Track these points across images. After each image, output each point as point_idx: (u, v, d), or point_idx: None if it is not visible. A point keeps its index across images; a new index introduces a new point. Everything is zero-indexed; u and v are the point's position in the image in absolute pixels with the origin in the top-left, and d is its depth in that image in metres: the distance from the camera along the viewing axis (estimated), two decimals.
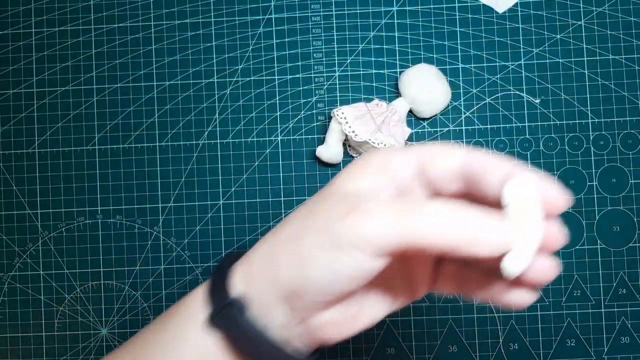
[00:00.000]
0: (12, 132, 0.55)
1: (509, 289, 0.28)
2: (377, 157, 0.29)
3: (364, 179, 0.29)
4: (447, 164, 0.28)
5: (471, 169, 0.27)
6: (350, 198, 0.28)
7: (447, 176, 0.28)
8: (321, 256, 0.27)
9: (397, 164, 0.29)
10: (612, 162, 0.53)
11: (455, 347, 0.53)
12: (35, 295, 0.54)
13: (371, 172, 0.29)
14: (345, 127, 0.50)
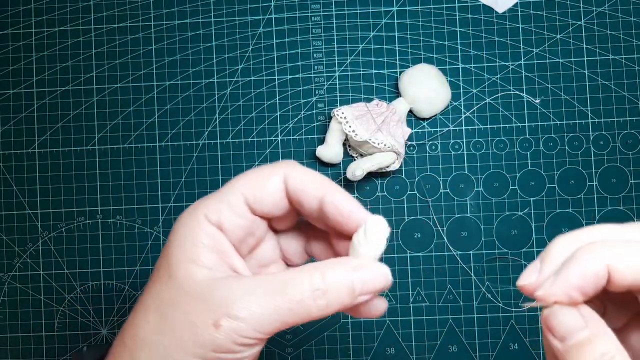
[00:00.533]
0: (12, 132, 0.55)
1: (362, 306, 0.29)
2: (203, 226, 0.27)
3: (204, 256, 0.27)
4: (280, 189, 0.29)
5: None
6: (206, 299, 0.26)
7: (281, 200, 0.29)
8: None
9: (227, 223, 0.28)
10: (612, 162, 0.53)
11: (455, 347, 0.53)
12: (35, 295, 0.54)
13: (208, 247, 0.27)
14: (345, 126, 0.50)
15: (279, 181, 0.28)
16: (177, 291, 0.27)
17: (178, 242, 0.28)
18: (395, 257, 0.53)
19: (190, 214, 0.28)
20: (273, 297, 0.26)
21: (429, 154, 0.54)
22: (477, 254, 0.53)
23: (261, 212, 0.29)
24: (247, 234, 0.29)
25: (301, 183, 0.28)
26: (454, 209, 0.53)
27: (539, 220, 0.53)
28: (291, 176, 0.28)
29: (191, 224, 0.28)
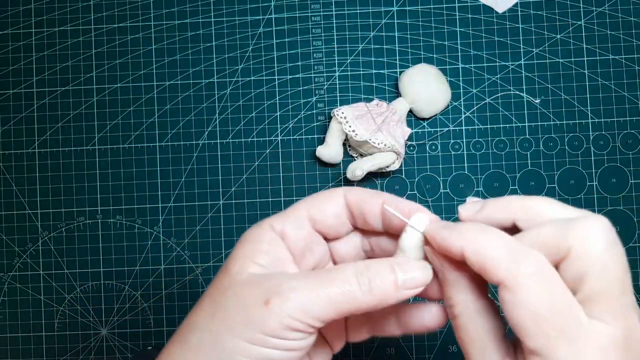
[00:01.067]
0: (12, 132, 0.55)
1: (420, 312, 0.31)
2: (266, 233, 0.29)
3: (260, 258, 0.29)
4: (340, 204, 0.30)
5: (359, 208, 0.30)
6: (258, 283, 0.27)
7: (341, 216, 0.31)
8: (254, 350, 0.27)
9: (289, 232, 0.30)
10: (612, 162, 0.53)
11: (455, 347, 0.53)
12: (35, 295, 0.54)
13: (266, 251, 0.29)
14: (345, 126, 0.50)
15: (339, 198, 0.31)
16: (230, 281, 0.28)
17: (240, 245, 0.29)
18: None
19: (258, 225, 0.30)
20: (321, 281, 0.27)
21: (429, 154, 0.54)
22: None
23: (322, 227, 0.31)
24: (306, 248, 0.30)
25: (361, 194, 0.30)
26: (454, 209, 0.53)
27: None
28: (350, 192, 0.31)
29: (256, 232, 0.30)
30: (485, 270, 0.25)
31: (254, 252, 0.29)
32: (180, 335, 0.29)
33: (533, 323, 0.24)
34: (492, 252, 0.25)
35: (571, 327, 0.24)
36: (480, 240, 0.26)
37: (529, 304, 0.24)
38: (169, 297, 0.54)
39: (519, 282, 0.24)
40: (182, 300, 0.54)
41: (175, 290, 0.54)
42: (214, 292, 0.29)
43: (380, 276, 0.27)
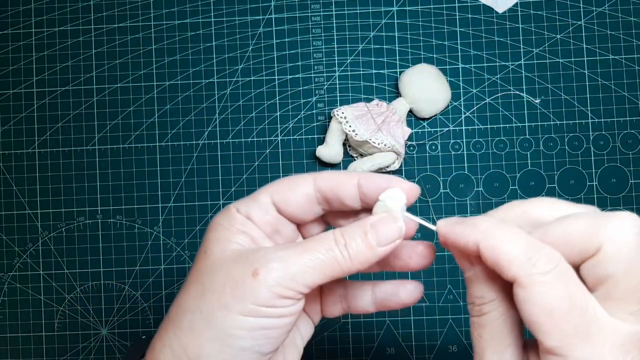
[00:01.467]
0: (12, 132, 0.55)
1: (396, 288, 0.31)
2: (235, 216, 0.30)
3: (238, 237, 0.29)
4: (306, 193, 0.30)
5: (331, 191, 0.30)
6: (244, 258, 0.28)
7: (307, 204, 0.31)
8: (247, 322, 0.27)
9: (255, 216, 0.30)
10: (612, 162, 0.53)
11: (455, 347, 0.53)
12: (35, 295, 0.54)
13: (241, 231, 0.30)
14: (345, 126, 0.50)
15: (306, 185, 0.30)
16: (214, 260, 0.29)
17: (213, 229, 0.30)
18: None
19: (224, 210, 0.30)
20: (306, 249, 0.28)
21: (429, 154, 0.54)
22: None
23: (287, 212, 0.31)
24: (274, 231, 0.31)
25: (334, 178, 0.30)
26: (454, 209, 0.53)
27: None
28: (321, 178, 0.30)
29: (225, 215, 0.30)
30: (499, 266, 0.25)
31: (230, 234, 0.29)
32: (170, 321, 0.29)
33: (549, 321, 0.24)
34: (507, 247, 0.24)
35: (589, 326, 0.23)
36: (495, 235, 0.25)
37: (544, 301, 0.24)
38: (169, 297, 0.54)
39: (534, 279, 0.24)
40: None
41: (175, 290, 0.54)
42: (197, 274, 0.29)
43: (354, 240, 0.28)
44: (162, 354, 0.29)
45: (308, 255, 0.28)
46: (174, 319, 0.29)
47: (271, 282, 0.27)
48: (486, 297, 0.27)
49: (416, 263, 0.31)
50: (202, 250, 0.30)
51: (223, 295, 0.27)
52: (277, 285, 0.27)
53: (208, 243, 0.29)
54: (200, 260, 0.29)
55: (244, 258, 0.28)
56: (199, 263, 0.29)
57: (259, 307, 0.27)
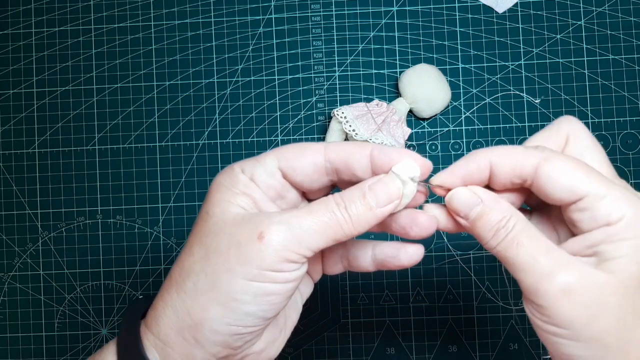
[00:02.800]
0: (12, 132, 0.55)
1: (397, 250, 0.31)
2: (239, 177, 0.30)
3: (240, 199, 0.29)
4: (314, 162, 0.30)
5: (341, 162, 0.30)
6: (248, 221, 0.28)
7: (314, 173, 0.30)
8: (252, 287, 0.27)
9: (259, 179, 0.30)
10: (612, 162, 0.53)
11: (455, 347, 0.53)
12: (35, 295, 0.54)
13: (243, 193, 0.29)
14: (345, 126, 0.50)
15: (316, 154, 0.30)
16: (216, 222, 0.28)
17: (216, 189, 0.29)
18: None
19: (227, 169, 0.30)
20: (309, 212, 0.28)
21: (429, 154, 0.54)
22: (477, 254, 0.53)
23: (293, 179, 0.30)
24: (278, 196, 0.30)
25: (346, 149, 0.30)
26: None
27: None
28: (332, 150, 0.30)
29: (228, 175, 0.30)
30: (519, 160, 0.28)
31: (233, 195, 0.29)
32: (173, 281, 0.29)
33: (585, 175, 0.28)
34: (517, 148, 0.29)
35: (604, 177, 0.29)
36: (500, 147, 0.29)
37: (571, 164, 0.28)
38: None
39: (553, 154, 0.28)
40: None
41: None
42: (201, 235, 0.29)
43: (354, 204, 0.28)
44: (165, 314, 0.29)
45: (312, 219, 0.28)
46: (177, 280, 0.29)
47: (277, 245, 0.27)
48: (506, 214, 0.28)
49: (416, 233, 0.30)
50: (205, 210, 0.29)
51: (227, 259, 0.27)
52: (283, 248, 0.27)
53: (210, 204, 0.29)
54: (202, 221, 0.29)
55: (248, 221, 0.28)
56: (201, 224, 0.29)
57: (264, 271, 0.27)
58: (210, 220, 0.29)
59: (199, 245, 0.28)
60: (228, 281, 0.27)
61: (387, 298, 0.53)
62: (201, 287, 0.28)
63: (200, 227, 0.29)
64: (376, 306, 0.53)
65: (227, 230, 0.28)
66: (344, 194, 0.29)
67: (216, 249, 0.28)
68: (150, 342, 0.29)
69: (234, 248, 0.27)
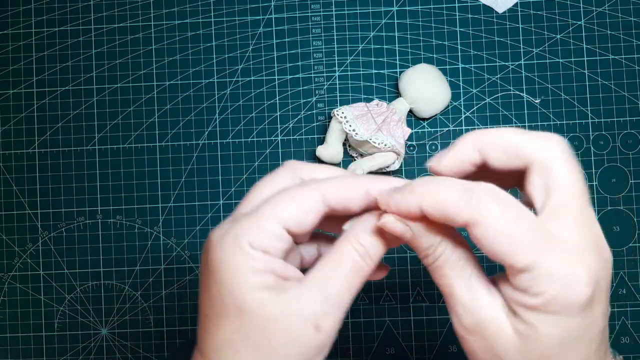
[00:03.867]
0: (12, 132, 0.55)
1: None
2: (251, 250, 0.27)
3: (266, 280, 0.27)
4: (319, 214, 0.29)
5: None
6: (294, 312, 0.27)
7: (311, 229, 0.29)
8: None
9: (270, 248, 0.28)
10: (612, 162, 0.53)
11: (455, 347, 0.53)
12: (35, 295, 0.54)
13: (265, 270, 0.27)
14: (345, 126, 0.50)
15: (317, 204, 0.28)
16: (260, 320, 0.27)
17: (228, 271, 0.27)
18: (395, 257, 0.53)
19: (230, 243, 0.27)
20: (339, 271, 0.28)
21: (429, 154, 0.54)
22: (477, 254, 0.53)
23: (297, 234, 0.29)
24: (286, 253, 0.29)
25: (343, 191, 0.28)
26: None
27: None
28: (329, 193, 0.28)
29: (236, 253, 0.27)
30: (448, 215, 0.26)
31: (259, 279, 0.27)
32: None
33: (512, 242, 0.25)
34: (449, 196, 0.26)
35: (548, 236, 0.25)
36: (433, 191, 0.26)
37: (502, 229, 0.25)
38: (169, 297, 0.54)
39: (484, 214, 0.25)
40: (182, 300, 0.54)
41: (175, 290, 0.54)
42: (245, 337, 0.27)
43: (374, 245, 0.28)
44: None
45: (344, 274, 0.28)
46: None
47: (331, 331, 0.27)
48: (435, 242, 0.27)
49: (372, 277, 0.30)
50: (232, 304, 0.27)
51: (285, 355, 0.27)
52: (332, 329, 0.27)
53: (236, 296, 0.27)
54: (237, 318, 0.27)
55: (293, 310, 0.27)
56: (238, 321, 0.27)
57: (319, 356, 0.28)
58: (249, 319, 0.27)
59: (243, 344, 0.27)
60: None
61: (387, 298, 0.53)
62: None
63: (239, 326, 0.27)
64: (376, 306, 0.53)
65: (278, 326, 0.27)
66: (359, 235, 0.28)
67: (271, 348, 0.27)
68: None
69: (291, 344, 0.27)
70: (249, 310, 0.27)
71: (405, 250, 0.53)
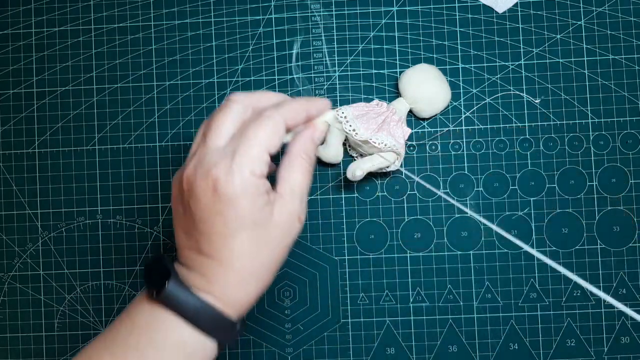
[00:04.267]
0: (12, 132, 0.55)
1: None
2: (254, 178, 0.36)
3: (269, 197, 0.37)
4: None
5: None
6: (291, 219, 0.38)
7: None
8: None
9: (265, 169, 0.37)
10: (612, 162, 0.53)
11: (455, 347, 0.53)
12: (35, 295, 0.54)
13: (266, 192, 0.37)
14: (345, 126, 0.50)
15: (283, 127, 0.37)
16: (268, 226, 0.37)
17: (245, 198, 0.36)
18: (395, 257, 0.53)
19: (240, 175, 0.35)
20: (302, 181, 0.39)
21: (429, 154, 0.54)
22: (477, 254, 0.53)
23: (273, 155, 0.37)
24: None
25: (296, 114, 0.38)
26: (454, 209, 0.53)
27: (539, 220, 0.53)
28: (286, 117, 0.38)
29: (246, 181, 0.36)
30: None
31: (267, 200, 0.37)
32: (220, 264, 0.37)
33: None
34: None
35: None
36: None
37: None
38: None
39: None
40: None
41: None
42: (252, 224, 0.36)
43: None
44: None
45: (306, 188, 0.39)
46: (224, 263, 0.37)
47: (304, 220, 0.39)
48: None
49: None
50: (252, 221, 0.36)
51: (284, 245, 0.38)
52: (304, 219, 0.39)
53: (252, 213, 0.36)
54: (258, 228, 0.36)
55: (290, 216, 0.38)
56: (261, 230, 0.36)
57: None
58: (261, 227, 0.36)
59: (257, 246, 0.37)
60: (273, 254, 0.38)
61: (387, 298, 0.53)
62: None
63: (254, 234, 0.36)
64: (376, 306, 0.53)
65: (280, 227, 0.37)
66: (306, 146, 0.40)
67: (276, 243, 0.38)
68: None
69: (287, 236, 0.38)
70: (261, 221, 0.36)
71: (405, 250, 0.53)
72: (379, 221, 0.54)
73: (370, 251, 0.53)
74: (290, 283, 0.54)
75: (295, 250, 0.54)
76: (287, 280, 0.54)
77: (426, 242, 0.53)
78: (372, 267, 0.53)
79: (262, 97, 0.39)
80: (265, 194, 0.36)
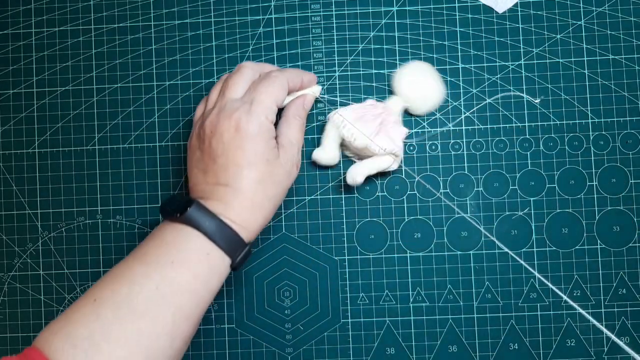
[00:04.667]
0: (12, 132, 0.55)
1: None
2: (269, 124, 0.45)
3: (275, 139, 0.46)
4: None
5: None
6: (288, 157, 0.47)
7: None
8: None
9: (274, 117, 0.46)
10: (612, 162, 0.53)
11: (455, 347, 0.53)
12: (35, 295, 0.54)
13: (273, 137, 0.46)
14: (343, 131, 0.50)
15: (286, 85, 0.47)
16: (276, 166, 0.45)
17: (262, 137, 0.44)
18: (395, 257, 0.53)
19: (258, 119, 0.44)
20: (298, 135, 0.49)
21: (429, 154, 0.54)
22: (477, 254, 0.53)
23: (279, 107, 0.47)
24: None
25: (295, 79, 0.48)
26: (454, 209, 0.53)
27: (539, 220, 0.53)
28: (289, 80, 0.47)
29: (264, 124, 0.44)
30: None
31: (274, 143, 0.46)
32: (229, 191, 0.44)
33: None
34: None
35: None
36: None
37: None
38: None
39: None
40: None
41: None
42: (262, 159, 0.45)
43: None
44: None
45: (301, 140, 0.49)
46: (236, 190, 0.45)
47: (299, 167, 0.48)
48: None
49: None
50: (265, 158, 0.44)
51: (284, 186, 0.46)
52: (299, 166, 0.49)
53: (266, 151, 0.44)
54: (271, 165, 0.44)
55: (289, 158, 0.46)
56: (270, 167, 0.44)
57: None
58: (271, 164, 0.45)
59: (266, 180, 0.44)
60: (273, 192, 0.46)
61: (387, 298, 0.53)
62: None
63: (265, 169, 0.44)
64: (376, 306, 0.53)
65: (282, 168, 0.45)
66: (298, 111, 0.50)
67: (278, 182, 0.45)
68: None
69: (286, 178, 0.46)
70: (271, 159, 0.44)
71: (405, 250, 0.53)
72: (379, 221, 0.54)
73: (370, 251, 0.54)
74: (290, 283, 0.54)
75: (295, 250, 0.54)
76: (287, 280, 0.54)
77: (426, 242, 0.53)
78: (372, 267, 0.53)
79: (266, 67, 0.49)
80: (274, 138, 0.45)
